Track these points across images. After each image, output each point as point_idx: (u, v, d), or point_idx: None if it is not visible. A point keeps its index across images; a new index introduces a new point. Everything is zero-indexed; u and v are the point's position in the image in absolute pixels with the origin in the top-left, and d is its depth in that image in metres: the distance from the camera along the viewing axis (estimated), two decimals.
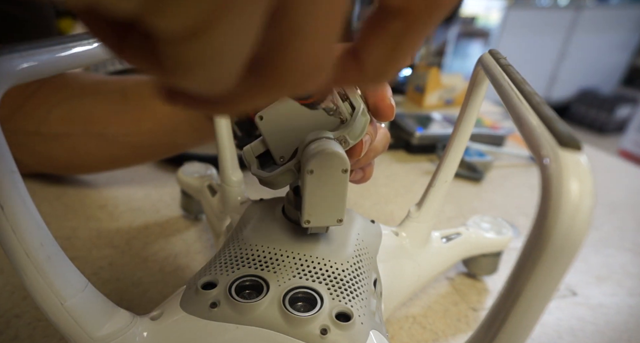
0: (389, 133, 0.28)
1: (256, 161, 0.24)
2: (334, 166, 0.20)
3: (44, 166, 0.42)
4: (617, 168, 0.63)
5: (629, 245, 0.44)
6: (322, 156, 0.20)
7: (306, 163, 0.20)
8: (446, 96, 0.83)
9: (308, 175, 0.20)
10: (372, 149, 0.26)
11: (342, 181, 0.21)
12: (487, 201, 0.50)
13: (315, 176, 0.20)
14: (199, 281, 0.21)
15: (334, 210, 0.22)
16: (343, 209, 0.22)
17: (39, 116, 0.38)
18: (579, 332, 0.32)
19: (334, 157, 0.20)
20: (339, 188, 0.21)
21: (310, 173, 0.20)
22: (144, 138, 0.39)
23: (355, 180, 0.26)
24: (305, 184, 0.21)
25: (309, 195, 0.21)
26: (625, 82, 2.91)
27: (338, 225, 0.22)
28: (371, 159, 0.26)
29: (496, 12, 2.41)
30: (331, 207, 0.21)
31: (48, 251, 0.17)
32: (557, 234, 0.11)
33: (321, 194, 0.21)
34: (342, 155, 0.20)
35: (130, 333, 0.20)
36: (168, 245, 0.37)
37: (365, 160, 0.26)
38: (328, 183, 0.21)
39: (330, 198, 0.21)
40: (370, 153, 0.26)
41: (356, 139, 0.22)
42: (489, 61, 0.19)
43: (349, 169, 0.20)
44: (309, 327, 0.19)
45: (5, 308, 0.29)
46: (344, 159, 0.20)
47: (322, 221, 0.22)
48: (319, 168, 0.20)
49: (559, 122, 0.12)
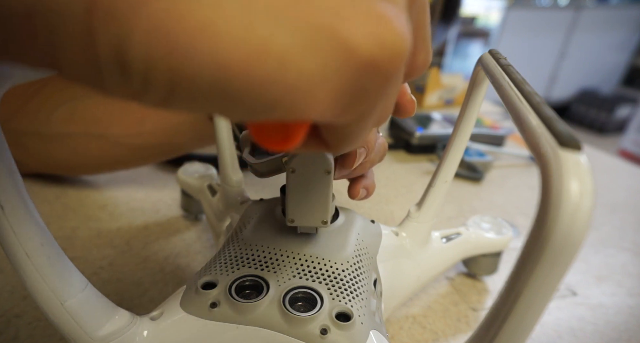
0: (386, 143, 0.28)
1: (250, 145, 0.24)
2: (315, 166, 0.20)
3: (44, 166, 0.42)
4: (617, 168, 0.63)
5: (629, 245, 0.44)
6: (304, 155, 0.20)
7: (289, 161, 0.21)
8: (446, 96, 0.83)
9: (290, 173, 0.21)
10: (368, 160, 0.26)
11: (325, 182, 0.21)
12: (487, 201, 0.50)
13: (298, 175, 0.21)
14: (199, 281, 0.21)
15: (317, 211, 0.22)
16: (327, 211, 0.22)
17: (40, 117, 0.38)
18: (579, 332, 0.32)
19: (315, 157, 0.20)
20: (322, 189, 0.21)
21: (293, 172, 0.21)
22: (145, 140, 0.39)
23: (361, 198, 0.27)
24: (288, 182, 0.21)
25: (292, 194, 0.21)
26: (625, 82, 2.91)
27: (323, 226, 0.22)
28: (367, 169, 0.26)
29: (496, 12, 2.41)
30: (315, 208, 0.22)
31: (48, 251, 0.17)
32: (557, 234, 0.11)
33: (304, 194, 0.21)
34: (324, 156, 0.20)
35: (130, 333, 0.20)
36: (168, 245, 0.37)
37: (361, 169, 0.26)
38: (310, 183, 0.21)
39: (313, 198, 0.21)
40: (366, 163, 0.26)
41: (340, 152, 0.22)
42: (489, 61, 0.19)
43: (332, 171, 0.21)
44: (309, 327, 0.19)
45: (5, 308, 0.29)
46: (327, 160, 0.20)
47: (306, 221, 0.22)
48: (301, 167, 0.20)
49: (559, 122, 0.12)
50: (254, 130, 0.13)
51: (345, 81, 0.11)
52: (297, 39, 0.10)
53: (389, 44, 0.11)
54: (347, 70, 0.10)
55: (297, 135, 0.13)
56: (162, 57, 0.09)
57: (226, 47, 0.09)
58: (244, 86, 0.10)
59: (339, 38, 0.10)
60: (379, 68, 0.11)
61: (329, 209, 0.22)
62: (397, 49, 0.11)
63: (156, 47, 0.09)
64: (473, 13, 2.54)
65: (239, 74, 0.10)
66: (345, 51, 0.10)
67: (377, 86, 0.11)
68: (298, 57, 0.10)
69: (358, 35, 0.10)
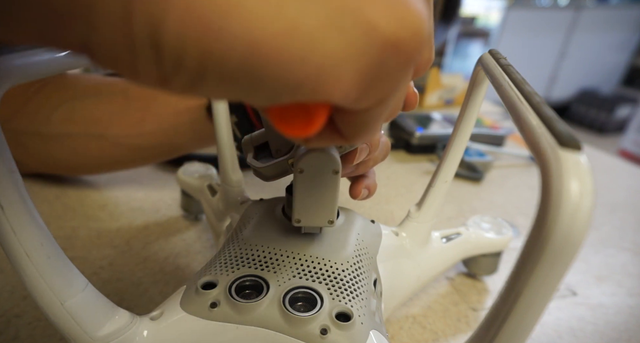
0: (389, 142, 0.28)
1: (253, 150, 0.24)
2: (324, 166, 0.20)
3: (44, 166, 0.42)
4: (617, 168, 0.63)
5: (629, 245, 0.44)
6: (312, 155, 0.20)
7: (297, 161, 0.20)
8: (446, 96, 0.83)
9: (298, 174, 0.20)
10: (371, 158, 0.26)
11: (333, 182, 0.21)
12: (487, 201, 0.50)
13: (306, 175, 0.21)
14: (199, 281, 0.21)
15: (324, 211, 0.22)
16: (334, 211, 0.22)
17: (40, 117, 0.38)
18: (579, 332, 0.32)
19: (323, 157, 0.20)
20: (329, 189, 0.21)
21: (301, 172, 0.20)
22: (145, 140, 0.39)
23: (363, 198, 0.27)
24: (296, 183, 0.21)
25: (299, 194, 0.21)
26: (625, 82, 2.91)
27: (329, 226, 0.22)
28: (370, 167, 0.26)
29: (496, 12, 2.41)
30: (322, 207, 0.21)
31: (48, 251, 0.17)
32: (557, 234, 0.11)
33: (311, 194, 0.21)
34: (332, 156, 0.20)
35: (130, 333, 0.20)
36: (168, 245, 0.37)
37: (363, 168, 0.26)
38: (318, 183, 0.21)
39: (320, 198, 0.21)
40: (369, 162, 0.26)
41: (353, 145, 0.22)
42: (489, 61, 0.19)
43: (340, 171, 0.21)
44: (309, 327, 0.19)
45: (5, 308, 0.29)
46: (335, 160, 0.20)
47: (312, 221, 0.22)
48: (309, 167, 0.20)
49: (559, 122, 0.12)
50: (274, 115, 0.13)
51: (369, 60, 0.11)
52: (324, 19, 0.10)
53: (410, 25, 0.11)
54: (371, 49, 0.11)
55: (318, 119, 0.13)
56: (196, 37, 0.09)
57: (257, 25, 0.10)
58: (272, 64, 0.10)
59: (363, 18, 0.10)
60: (401, 47, 0.11)
61: (335, 209, 0.22)
62: (418, 29, 0.11)
63: (190, 26, 0.09)
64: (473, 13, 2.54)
65: (269, 52, 0.10)
66: (369, 31, 0.10)
67: (398, 67, 0.12)
68: (325, 37, 0.10)
69: (381, 16, 0.11)
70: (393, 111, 0.16)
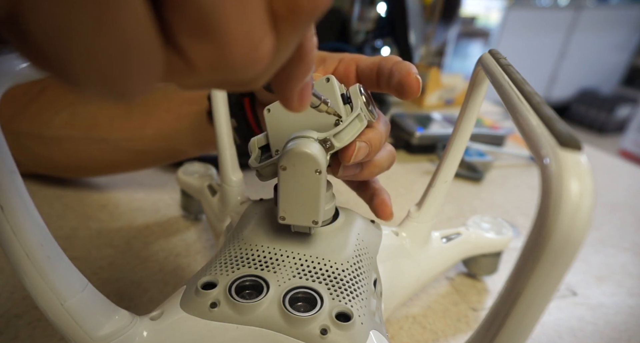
0: (394, 150, 0.28)
1: (258, 151, 0.25)
2: (305, 165, 0.20)
3: (44, 168, 0.42)
4: (617, 168, 0.63)
5: (629, 245, 0.44)
6: (293, 154, 0.20)
7: (280, 158, 0.21)
8: (446, 96, 0.83)
9: (281, 171, 0.21)
10: (376, 165, 0.26)
11: (316, 182, 0.21)
12: (487, 201, 0.50)
13: (289, 173, 0.21)
14: (199, 281, 0.21)
15: (307, 210, 0.22)
16: (317, 211, 0.22)
17: (42, 120, 0.38)
18: (579, 332, 0.32)
19: (303, 156, 0.20)
20: (312, 189, 0.21)
21: (283, 170, 0.21)
22: (146, 144, 0.39)
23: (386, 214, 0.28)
24: (279, 180, 0.21)
25: (282, 191, 0.21)
26: (625, 82, 2.91)
27: (314, 226, 0.22)
28: (376, 174, 0.26)
29: (496, 12, 2.41)
30: (305, 207, 0.22)
31: (48, 252, 0.17)
32: (557, 234, 0.11)
33: (294, 192, 0.21)
34: (313, 155, 0.20)
35: (130, 333, 0.20)
36: (168, 245, 0.37)
37: (369, 173, 0.26)
38: (301, 182, 0.21)
39: (303, 197, 0.21)
40: (374, 168, 0.26)
41: (342, 143, 0.22)
42: (489, 61, 0.19)
43: (323, 171, 0.21)
44: (309, 327, 0.19)
45: (5, 308, 0.29)
46: (316, 159, 0.20)
47: (296, 220, 0.22)
48: (291, 165, 0.21)
49: (559, 122, 0.12)
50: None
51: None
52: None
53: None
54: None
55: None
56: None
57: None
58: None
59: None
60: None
61: (319, 209, 0.22)
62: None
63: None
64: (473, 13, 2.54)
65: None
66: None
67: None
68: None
69: None
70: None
